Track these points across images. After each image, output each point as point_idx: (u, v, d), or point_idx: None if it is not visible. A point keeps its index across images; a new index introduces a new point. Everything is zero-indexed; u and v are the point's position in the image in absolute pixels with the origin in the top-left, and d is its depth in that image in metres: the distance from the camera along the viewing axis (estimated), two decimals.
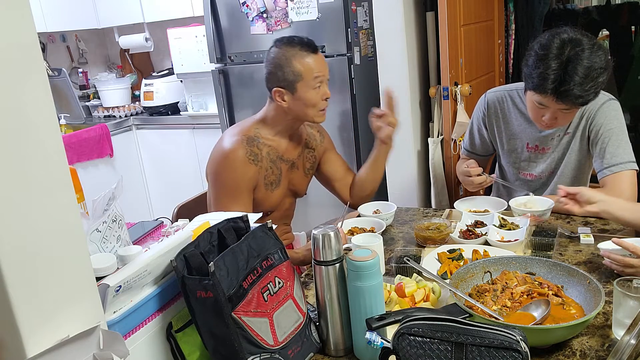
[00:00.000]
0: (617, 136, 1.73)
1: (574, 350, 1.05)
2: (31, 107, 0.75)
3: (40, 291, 0.76)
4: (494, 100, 1.96)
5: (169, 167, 3.84)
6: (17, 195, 0.73)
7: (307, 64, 1.64)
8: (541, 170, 1.90)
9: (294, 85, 1.64)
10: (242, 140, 1.68)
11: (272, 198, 1.76)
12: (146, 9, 3.75)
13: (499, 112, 1.95)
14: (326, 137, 1.96)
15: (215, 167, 1.69)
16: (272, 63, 1.66)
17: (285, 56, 1.64)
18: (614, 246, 1.29)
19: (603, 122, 1.74)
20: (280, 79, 1.65)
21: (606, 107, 1.76)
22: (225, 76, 3.23)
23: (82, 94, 4.24)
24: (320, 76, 1.66)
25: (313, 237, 1.09)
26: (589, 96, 1.59)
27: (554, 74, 1.58)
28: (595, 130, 1.76)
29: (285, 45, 1.66)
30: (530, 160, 1.92)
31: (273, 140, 1.74)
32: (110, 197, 1.04)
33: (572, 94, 1.57)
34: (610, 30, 4.38)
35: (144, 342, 0.99)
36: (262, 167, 1.70)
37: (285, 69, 1.63)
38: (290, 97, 1.66)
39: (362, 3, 2.92)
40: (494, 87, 2.04)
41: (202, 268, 0.99)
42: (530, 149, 1.90)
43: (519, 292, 1.17)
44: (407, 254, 1.43)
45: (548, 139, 1.85)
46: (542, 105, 1.66)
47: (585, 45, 1.59)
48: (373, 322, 1.00)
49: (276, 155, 1.74)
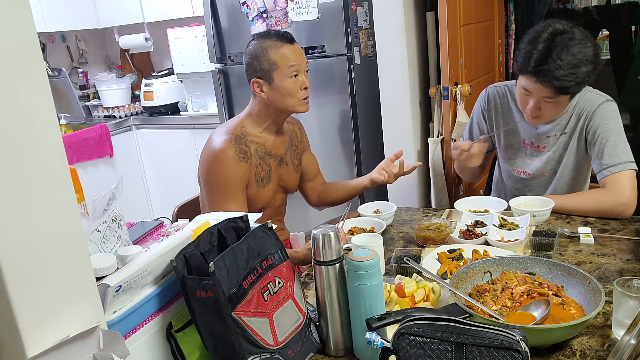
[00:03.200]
0: (615, 137, 1.73)
1: (574, 350, 1.05)
2: (31, 107, 0.75)
3: (40, 291, 0.76)
4: (495, 94, 1.96)
5: (169, 167, 3.84)
6: (17, 196, 0.73)
7: (283, 53, 1.69)
8: (536, 168, 1.90)
9: (270, 74, 1.69)
10: (231, 139, 1.70)
11: (264, 194, 1.79)
12: (146, 9, 3.75)
13: (499, 106, 1.95)
14: (305, 135, 2.01)
15: (206, 168, 1.71)
16: (249, 55, 1.72)
17: (261, 47, 1.70)
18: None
19: (600, 122, 1.75)
20: (257, 70, 1.70)
21: (603, 108, 1.76)
22: (225, 76, 3.23)
23: (82, 94, 4.24)
24: (296, 65, 1.70)
25: (313, 237, 1.09)
26: (568, 82, 1.60)
27: (538, 54, 1.62)
28: (593, 131, 1.76)
29: (262, 37, 1.72)
30: (526, 157, 1.92)
31: (260, 136, 1.78)
32: (110, 197, 1.04)
33: (551, 75, 1.59)
34: (610, 30, 4.38)
35: (144, 342, 0.99)
36: (252, 164, 1.73)
37: (261, 58, 1.69)
38: (268, 87, 1.71)
39: (362, 3, 2.92)
40: (495, 83, 2.05)
41: (202, 268, 0.99)
42: (527, 145, 1.91)
43: (519, 292, 1.17)
44: (407, 254, 1.43)
45: (544, 136, 1.86)
46: (526, 90, 1.69)
47: (576, 36, 1.61)
48: (373, 322, 1.00)
49: (264, 151, 1.77)
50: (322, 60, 2.88)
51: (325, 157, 3.03)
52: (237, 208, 1.67)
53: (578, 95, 1.77)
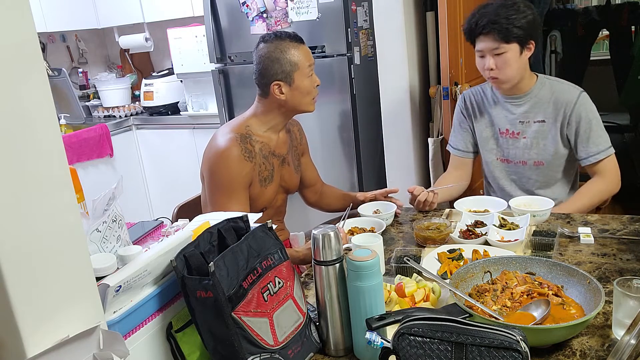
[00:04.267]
0: (597, 125, 1.89)
1: (574, 350, 1.05)
2: (31, 107, 0.75)
3: (40, 291, 0.76)
4: (469, 94, 2.12)
5: (169, 167, 3.84)
6: (17, 196, 0.73)
7: (300, 53, 1.71)
8: (514, 155, 2.01)
9: (291, 75, 1.70)
10: (236, 138, 1.70)
11: (266, 194, 1.79)
12: (146, 9, 3.75)
13: (475, 104, 2.08)
14: (304, 137, 2.02)
15: (210, 166, 1.71)
16: (267, 58, 1.71)
17: (280, 49, 1.69)
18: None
19: (583, 113, 1.88)
20: (277, 72, 1.70)
21: (583, 98, 1.89)
22: (225, 76, 3.23)
23: (82, 94, 4.23)
24: (312, 64, 1.75)
25: (313, 237, 1.09)
26: (506, 25, 1.78)
27: (478, 15, 1.84)
28: (577, 121, 1.88)
29: (275, 39, 1.72)
30: (505, 146, 2.03)
31: (264, 136, 1.78)
32: (110, 197, 1.04)
33: (491, 25, 1.80)
34: (610, 30, 4.38)
35: (144, 342, 0.99)
36: (256, 164, 1.73)
37: (282, 61, 1.69)
38: (288, 88, 1.71)
39: (362, 3, 2.92)
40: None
41: (202, 268, 0.99)
42: (503, 134, 2.02)
43: (519, 292, 1.17)
44: (407, 254, 1.43)
45: (517, 122, 1.97)
46: (479, 51, 1.88)
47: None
48: (373, 322, 1.00)
49: (268, 150, 1.78)
50: (322, 60, 2.88)
51: (325, 157, 3.03)
52: (240, 207, 1.67)
53: (549, 84, 1.92)
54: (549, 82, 1.94)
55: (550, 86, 1.93)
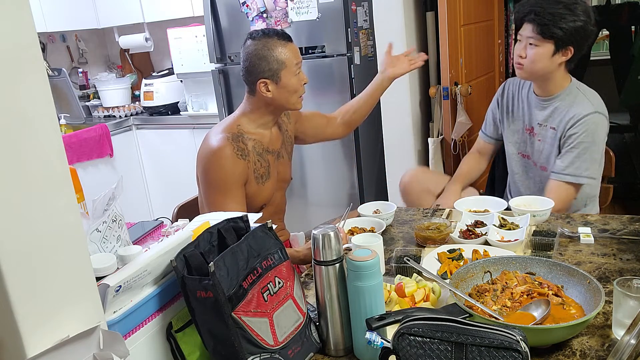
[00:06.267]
0: (584, 150, 1.82)
1: (574, 350, 1.05)
2: (31, 107, 0.75)
3: (40, 291, 0.76)
4: (510, 82, 2.11)
5: (169, 167, 3.84)
6: (17, 196, 0.73)
7: (288, 51, 1.71)
8: (532, 153, 2.02)
9: (278, 73, 1.70)
10: (228, 137, 1.70)
11: (265, 191, 1.79)
12: (146, 9, 3.75)
13: (511, 94, 2.08)
14: (291, 115, 2.00)
15: (204, 166, 1.72)
16: (254, 55, 1.70)
17: (267, 47, 1.69)
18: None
19: (578, 133, 1.82)
20: (264, 70, 1.69)
21: (588, 120, 1.82)
22: (225, 76, 3.23)
23: (82, 94, 4.23)
24: (299, 62, 1.74)
25: (313, 237, 1.09)
26: (547, 21, 1.76)
27: (533, 1, 1.82)
28: (568, 136, 1.84)
29: (263, 37, 1.71)
30: (527, 142, 2.04)
31: (256, 133, 1.78)
32: (110, 197, 1.04)
33: (535, 10, 1.78)
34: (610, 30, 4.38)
35: (144, 342, 0.99)
36: (250, 161, 1.73)
37: (269, 58, 1.69)
38: (275, 86, 1.71)
39: (362, 3, 2.92)
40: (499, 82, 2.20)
41: (202, 268, 0.99)
42: (527, 131, 2.03)
43: (519, 292, 1.17)
44: (407, 254, 1.43)
45: (536, 122, 1.98)
46: (519, 35, 1.87)
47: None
48: (373, 322, 1.00)
49: (261, 147, 1.78)
50: (322, 60, 2.88)
51: (325, 157, 3.03)
52: (236, 206, 1.68)
53: (575, 94, 1.86)
54: (577, 91, 1.88)
55: (575, 96, 1.86)
